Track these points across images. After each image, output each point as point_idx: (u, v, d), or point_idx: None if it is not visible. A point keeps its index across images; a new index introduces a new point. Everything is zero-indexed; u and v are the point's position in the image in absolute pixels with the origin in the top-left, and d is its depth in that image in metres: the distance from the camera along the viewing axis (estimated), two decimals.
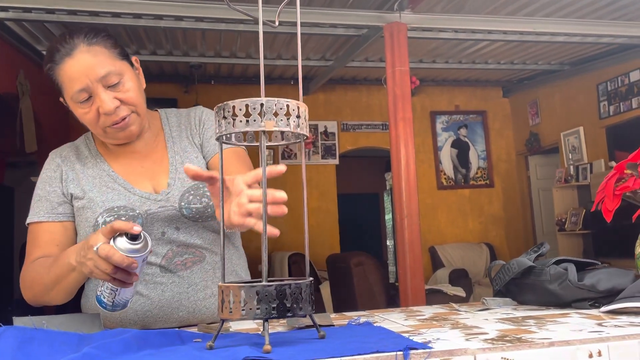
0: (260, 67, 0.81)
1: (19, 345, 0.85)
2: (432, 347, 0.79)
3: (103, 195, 1.27)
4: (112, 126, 1.23)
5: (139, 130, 1.29)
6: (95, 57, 1.19)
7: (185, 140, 1.36)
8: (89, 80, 1.18)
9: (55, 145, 1.44)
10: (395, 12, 4.15)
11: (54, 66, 1.21)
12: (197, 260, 1.28)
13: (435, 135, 7.20)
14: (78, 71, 1.18)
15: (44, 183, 1.31)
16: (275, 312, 0.80)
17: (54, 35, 4.79)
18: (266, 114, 0.81)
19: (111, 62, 1.21)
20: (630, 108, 5.51)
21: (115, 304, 1.05)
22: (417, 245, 3.88)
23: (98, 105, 1.20)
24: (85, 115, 1.22)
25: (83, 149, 1.36)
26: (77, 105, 1.22)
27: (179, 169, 1.31)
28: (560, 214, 6.20)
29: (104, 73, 1.18)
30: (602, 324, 0.97)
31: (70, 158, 1.34)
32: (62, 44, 1.20)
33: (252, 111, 0.81)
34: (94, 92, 1.19)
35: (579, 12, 4.54)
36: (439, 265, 6.68)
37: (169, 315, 1.25)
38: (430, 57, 5.91)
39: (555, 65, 6.32)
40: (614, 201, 1.21)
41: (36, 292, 1.24)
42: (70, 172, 1.31)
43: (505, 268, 1.32)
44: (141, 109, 1.26)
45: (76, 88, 1.19)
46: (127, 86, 1.22)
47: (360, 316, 1.21)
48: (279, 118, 0.82)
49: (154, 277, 1.25)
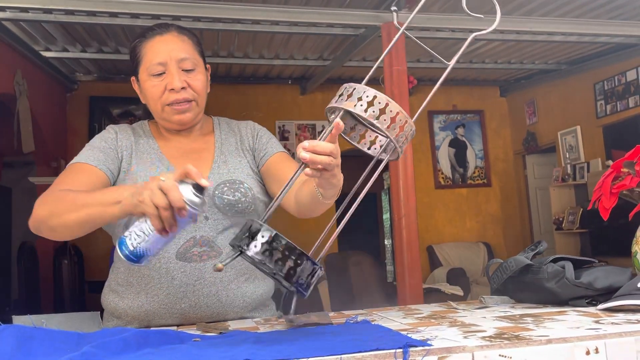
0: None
1: (18, 344, 0.85)
2: (431, 345, 0.79)
3: (146, 171, 1.33)
4: (172, 105, 1.32)
5: (193, 120, 1.37)
6: (182, 42, 1.34)
7: (232, 145, 1.43)
8: (170, 57, 1.31)
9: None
10: (393, 11, 4.15)
11: (143, 40, 1.34)
12: (213, 255, 1.30)
13: (432, 134, 7.20)
14: (164, 47, 1.32)
15: (100, 140, 1.37)
16: (282, 273, 0.83)
17: (51, 35, 4.78)
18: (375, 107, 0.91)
19: (192, 52, 1.35)
20: (627, 107, 5.52)
21: (135, 251, 0.97)
22: (414, 244, 3.88)
23: (167, 82, 1.31)
24: (153, 89, 1.32)
25: (138, 130, 1.44)
26: (149, 77, 1.32)
27: (221, 167, 1.38)
28: (558, 213, 6.21)
29: (184, 56, 1.32)
30: (599, 321, 0.97)
31: (127, 131, 1.42)
32: (158, 26, 1.36)
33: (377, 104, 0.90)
34: (169, 69, 1.31)
35: (575, 11, 4.55)
36: (437, 264, 6.69)
37: (173, 305, 1.27)
38: (427, 57, 5.92)
39: (552, 65, 6.33)
40: (610, 199, 1.22)
41: (56, 208, 1.17)
42: (126, 141, 1.38)
43: (503, 266, 1.32)
44: (201, 102, 1.37)
45: (156, 60, 1.31)
46: (197, 77, 1.34)
47: (359, 314, 1.21)
48: (383, 117, 0.90)
49: (168, 263, 1.28)
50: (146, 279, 1.29)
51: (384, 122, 0.89)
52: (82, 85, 6.12)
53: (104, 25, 4.39)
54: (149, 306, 1.28)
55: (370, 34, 4.44)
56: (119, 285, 1.33)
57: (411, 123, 0.92)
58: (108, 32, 4.77)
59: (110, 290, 1.36)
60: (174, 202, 0.93)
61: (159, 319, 1.29)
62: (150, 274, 1.28)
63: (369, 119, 0.89)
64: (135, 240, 0.97)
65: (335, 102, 0.92)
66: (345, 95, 0.91)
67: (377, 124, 0.89)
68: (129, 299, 1.30)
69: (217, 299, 1.29)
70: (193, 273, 1.28)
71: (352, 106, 0.89)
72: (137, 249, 0.97)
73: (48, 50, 5.18)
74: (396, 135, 0.90)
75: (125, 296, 1.31)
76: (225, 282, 1.30)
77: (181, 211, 0.94)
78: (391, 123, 0.89)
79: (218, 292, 1.29)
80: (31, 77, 4.88)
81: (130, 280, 1.31)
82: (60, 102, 5.95)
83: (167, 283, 1.27)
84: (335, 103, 0.92)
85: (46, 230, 1.20)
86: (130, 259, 0.97)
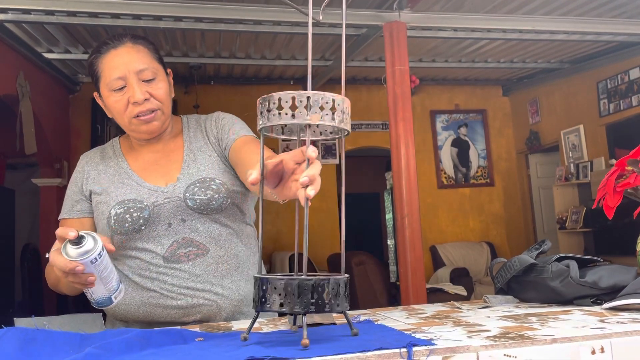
0: (308, 67, 0.81)
1: (20, 346, 0.85)
2: (435, 345, 0.79)
3: (117, 190, 1.36)
4: (137, 117, 1.33)
5: (161, 128, 1.38)
6: (137, 52, 1.33)
7: (201, 140, 1.44)
8: (127, 70, 1.31)
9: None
10: (395, 11, 4.15)
11: (99, 56, 1.34)
12: (200, 253, 1.32)
13: (435, 134, 7.19)
14: (119, 61, 1.31)
15: (71, 184, 1.44)
16: (313, 307, 0.79)
17: (54, 36, 4.79)
18: (312, 107, 0.81)
19: (149, 61, 1.34)
20: (630, 106, 5.51)
21: (97, 301, 1.12)
22: (417, 244, 3.88)
23: (129, 95, 1.31)
24: (116, 104, 1.33)
25: (108, 150, 1.47)
26: (110, 93, 1.33)
27: (190, 166, 1.39)
28: (561, 212, 6.20)
29: (142, 67, 1.32)
30: (604, 320, 0.97)
31: (95, 159, 1.45)
32: (111, 39, 1.35)
33: (299, 104, 0.81)
34: (129, 82, 1.31)
35: (578, 9, 4.54)
36: (440, 264, 6.68)
37: (169, 302, 1.30)
38: (429, 56, 5.91)
39: (555, 64, 6.31)
40: (615, 198, 1.21)
41: (50, 282, 1.34)
42: (93, 172, 1.42)
43: (507, 266, 1.32)
44: (166, 109, 1.37)
45: (114, 75, 1.31)
46: (158, 85, 1.34)
47: (362, 315, 1.21)
48: (324, 112, 0.82)
49: (157, 268, 1.31)
50: (140, 285, 1.32)
51: (338, 118, 0.84)
52: (85, 87, 6.13)
53: (106, 27, 4.39)
54: (146, 308, 1.31)
55: (372, 33, 4.44)
56: None
57: (343, 101, 0.85)
58: (110, 33, 4.77)
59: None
60: (62, 269, 1.02)
61: (158, 318, 1.31)
62: (143, 281, 1.32)
63: (338, 125, 0.83)
64: (88, 294, 1.11)
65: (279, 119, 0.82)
66: (276, 109, 0.82)
67: (343, 126, 0.84)
68: (124, 304, 1.33)
69: (214, 292, 1.32)
70: (184, 272, 1.31)
71: (318, 119, 0.81)
72: (96, 298, 1.11)
73: (50, 52, 5.19)
74: (343, 121, 0.85)
75: (122, 300, 1.32)
76: (219, 277, 1.33)
77: (74, 270, 1.02)
78: (343, 115, 0.84)
79: (213, 287, 1.32)
80: (34, 79, 4.89)
81: (125, 287, 1.33)
82: (63, 104, 5.96)
83: (160, 285, 1.31)
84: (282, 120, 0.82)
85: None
86: (102, 306, 1.14)
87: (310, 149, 0.83)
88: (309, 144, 0.83)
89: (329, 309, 0.80)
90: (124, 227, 1.30)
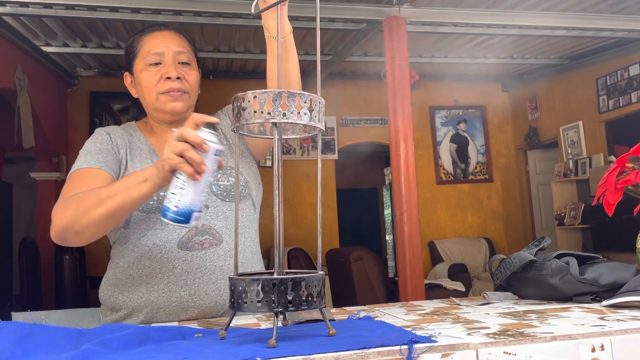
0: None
1: (17, 340, 0.84)
2: (436, 342, 0.78)
3: (144, 165, 1.35)
4: (166, 93, 1.36)
5: (184, 111, 1.39)
6: (179, 38, 1.41)
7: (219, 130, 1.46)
8: (167, 48, 1.37)
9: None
10: (395, 5, 4.13)
11: (140, 35, 1.41)
12: (214, 242, 1.33)
13: (434, 130, 7.19)
14: (161, 40, 1.38)
15: (95, 143, 1.37)
16: (291, 305, 0.80)
17: (52, 30, 4.77)
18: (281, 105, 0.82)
19: (188, 50, 1.41)
20: (629, 102, 5.50)
21: (179, 210, 0.95)
22: (416, 240, 3.88)
23: (163, 71, 1.35)
24: (149, 77, 1.36)
25: (128, 128, 1.46)
26: (145, 67, 1.37)
27: None
28: (560, 208, 6.20)
29: (180, 49, 1.39)
30: (604, 317, 0.96)
31: (117, 131, 1.44)
32: (156, 25, 1.43)
33: (265, 102, 0.82)
34: (166, 60, 1.36)
35: (578, 5, 4.53)
36: (438, 260, 6.68)
37: (172, 293, 1.29)
38: (429, 52, 5.89)
39: (554, 60, 6.30)
40: (615, 195, 1.21)
41: (79, 210, 1.17)
42: (120, 140, 1.40)
43: (506, 262, 1.31)
44: (193, 96, 1.41)
45: (154, 51, 1.37)
46: (191, 72, 1.40)
47: (361, 311, 1.20)
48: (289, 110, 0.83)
49: (169, 252, 1.30)
50: (147, 269, 1.31)
51: (315, 117, 0.85)
52: (83, 81, 6.11)
53: (105, 20, 4.37)
54: (149, 295, 1.30)
55: (372, 28, 4.42)
56: (118, 279, 1.34)
57: (317, 98, 0.86)
58: (109, 26, 4.76)
59: (110, 284, 1.36)
60: (191, 139, 0.96)
61: (158, 309, 1.29)
62: (152, 265, 1.30)
63: (307, 123, 0.84)
64: (174, 199, 0.96)
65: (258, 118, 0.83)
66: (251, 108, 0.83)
67: (319, 126, 0.86)
68: (129, 291, 1.32)
69: (217, 286, 1.31)
70: (194, 261, 1.30)
71: (298, 118, 0.83)
72: (180, 206, 0.96)
73: (48, 45, 5.17)
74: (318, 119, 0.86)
75: (126, 289, 1.32)
76: (225, 271, 1.33)
77: (202, 146, 0.96)
78: (319, 114, 0.86)
79: (217, 280, 1.31)
80: (32, 72, 4.87)
81: (130, 273, 1.32)
82: (61, 98, 5.94)
83: (168, 272, 1.30)
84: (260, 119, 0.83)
85: (72, 236, 1.20)
86: (177, 221, 0.96)
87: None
88: (278, 143, 0.87)
89: (306, 307, 0.81)
90: (148, 205, 1.29)
